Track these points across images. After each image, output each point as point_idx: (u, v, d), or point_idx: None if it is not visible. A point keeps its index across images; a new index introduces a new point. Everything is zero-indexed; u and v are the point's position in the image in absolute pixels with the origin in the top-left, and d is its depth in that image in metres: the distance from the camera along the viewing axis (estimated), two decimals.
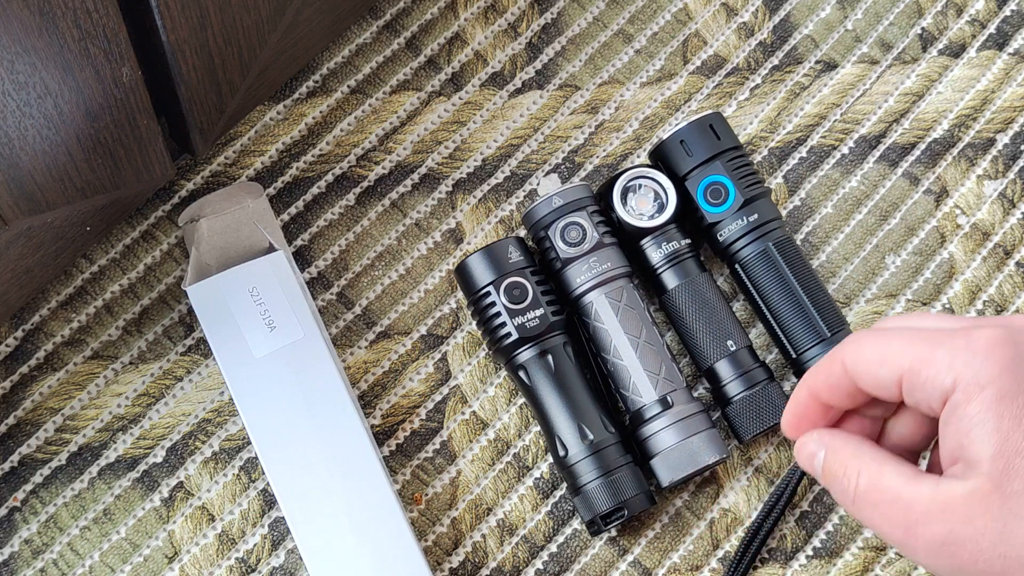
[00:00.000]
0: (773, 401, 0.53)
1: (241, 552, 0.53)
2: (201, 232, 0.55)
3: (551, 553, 0.53)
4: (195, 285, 0.53)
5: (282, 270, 0.53)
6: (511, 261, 0.53)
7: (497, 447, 0.55)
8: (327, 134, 0.60)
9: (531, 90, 0.61)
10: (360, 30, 0.62)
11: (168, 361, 0.55)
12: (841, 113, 0.61)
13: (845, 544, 0.54)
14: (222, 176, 0.59)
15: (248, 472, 0.54)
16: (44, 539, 0.52)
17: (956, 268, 0.58)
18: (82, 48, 0.42)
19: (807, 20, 0.63)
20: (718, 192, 0.54)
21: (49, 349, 0.55)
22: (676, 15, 0.63)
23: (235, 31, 0.50)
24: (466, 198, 0.59)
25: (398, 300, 0.57)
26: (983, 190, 0.60)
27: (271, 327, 0.52)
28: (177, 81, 0.49)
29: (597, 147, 0.60)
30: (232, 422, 0.55)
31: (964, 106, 0.62)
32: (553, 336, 0.53)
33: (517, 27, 0.62)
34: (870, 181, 0.60)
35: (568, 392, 0.52)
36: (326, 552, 0.49)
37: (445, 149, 0.60)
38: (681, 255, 0.54)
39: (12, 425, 0.54)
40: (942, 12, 0.64)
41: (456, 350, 0.56)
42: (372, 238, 0.58)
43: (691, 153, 0.55)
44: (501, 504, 0.54)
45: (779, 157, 0.60)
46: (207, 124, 0.54)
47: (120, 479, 0.53)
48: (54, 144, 0.45)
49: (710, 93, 0.61)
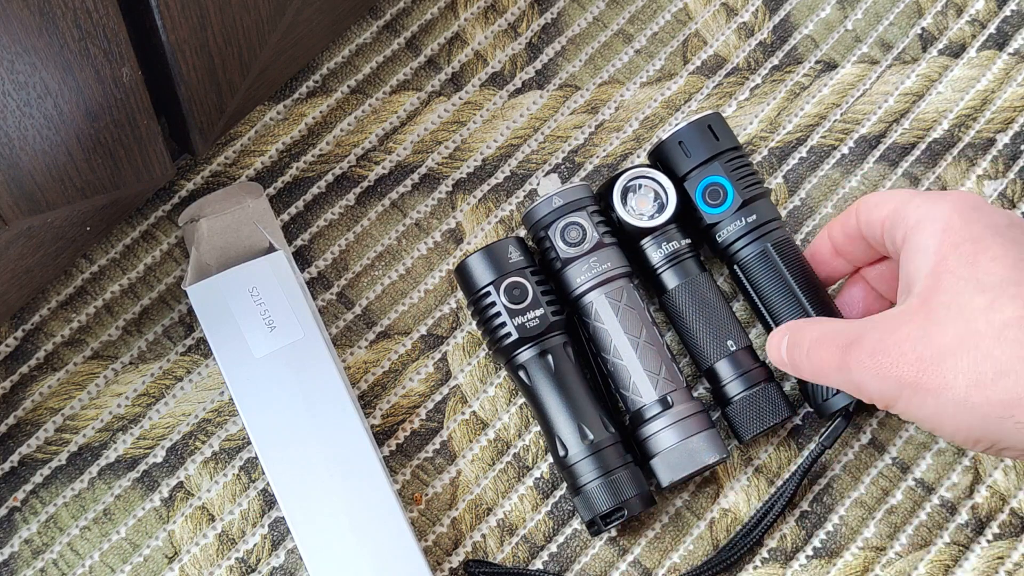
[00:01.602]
0: (773, 401, 0.53)
1: (241, 552, 0.53)
2: (201, 232, 0.55)
3: (551, 553, 0.53)
4: (195, 285, 0.53)
5: (282, 270, 0.53)
6: (511, 261, 0.53)
7: (497, 447, 0.55)
8: (327, 134, 0.60)
9: (531, 90, 0.61)
10: (360, 30, 0.62)
11: (168, 361, 0.55)
12: (841, 113, 0.61)
13: (845, 544, 0.54)
14: (222, 176, 0.59)
15: (248, 472, 0.54)
16: (44, 539, 0.52)
17: None
18: (82, 48, 0.42)
19: (807, 20, 0.63)
20: (716, 193, 0.54)
21: (49, 349, 0.55)
22: (676, 15, 0.63)
23: (235, 31, 0.50)
24: (466, 198, 0.59)
25: (398, 300, 0.57)
26: (983, 190, 0.60)
27: (271, 327, 0.52)
28: (177, 81, 0.49)
29: (597, 147, 0.60)
30: (232, 422, 0.55)
31: (964, 106, 0.62)
32: (553, 336, 0.53)
33: (517, 27, 0.62)
34: (870, 181, 0.60)
35: (568, 392, 0.52)
36: (326, 552, 0.49)
37: (445, 149, 0.60)
38: (681, 255, 0.54)
39: (12, 425, 0.54)
40: (942, 12, 0.64)
41: (456, 350, 0.56)
42: (372, 238, 0.58)
43: (689, 154, 0.55)
44: (501, 504, 0.54)
45: (779, 157, 0.60)
46: (207, 124, 0.54)
47: (120, 479, 0.53)
48: (54, 144, 0.45)
49: (710, 93, 0.61)
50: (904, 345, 0.43)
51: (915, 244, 0.45)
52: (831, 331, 0.46)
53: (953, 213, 0.45)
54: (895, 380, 0.43)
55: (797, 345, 0.48)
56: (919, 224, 0.45)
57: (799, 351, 0.48)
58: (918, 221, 0.46)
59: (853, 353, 0.45)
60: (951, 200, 0.45)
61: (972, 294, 0.42)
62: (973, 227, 0.44)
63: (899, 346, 0.43)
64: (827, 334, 0.46)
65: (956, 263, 0.43)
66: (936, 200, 0.46)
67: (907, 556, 0.53)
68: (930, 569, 0.53)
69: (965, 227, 0.44)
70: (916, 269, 0.45)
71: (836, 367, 0.45)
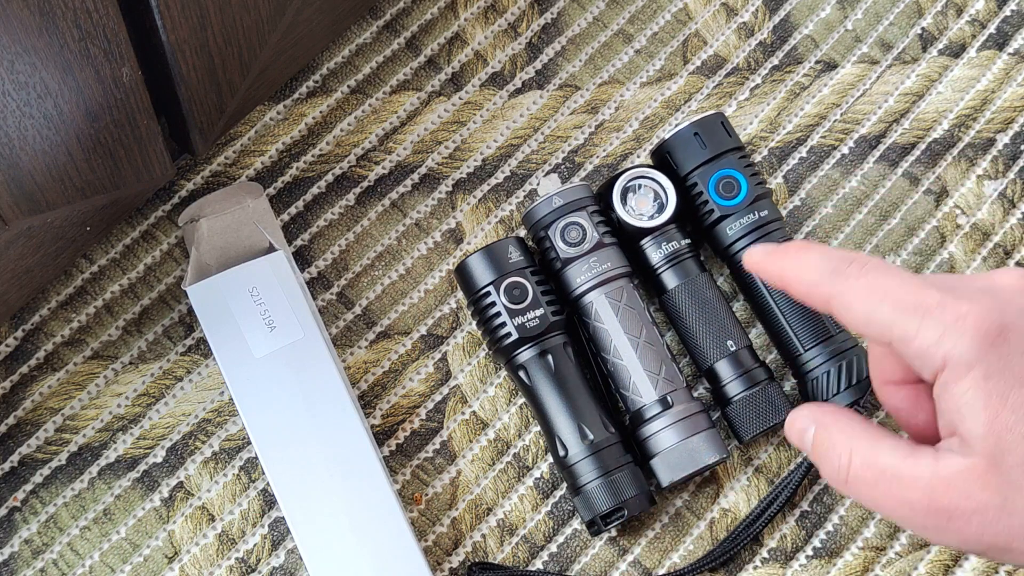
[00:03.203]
0: (773, 401, 0.53)
1: (241, 552, 0.53)
2: (201, 232, 0.55)
3: (551, 553, 0.53)
4: (195, 285, 0.53)
5: (282, 270, 0.53)
6: (511, 261, 0.53)
7: (497, 447, 0.55)
8: (327, 134, 0.60)
9: (531, 90, 0.61)
10: (360, 30, 0.62)
11: (168, 361, 0.55)
12: (841, 113, 0.61)
13: (845, 544, 0.54)
14: (222, 176, 0.59)
15: (248, 472, 0.54)
16: (44, 539, 0.52)
17: (956, 268, 0.58)
18: (82, 48, 0.42)
19: (807, 20, 0.63)
20: (731, 186, 0.54)
21: (49, 349, 0.55)
22: (676, 15, 0.63)
23: (235, 31, 0.50)
24: (466, 198, 0.59)
25: (398, 300, 0.57)
26: (983, 190, 0.60)
27: (271, 327, 0.52)
28: (177, 81, 0.49)
29: (597, 147, 0.60)
30: (232, 422, 0.55)
31: (964, 106, 0.62)
32: (553, 336, 0.53)
33: (517, 27, 0.62)
34: (870, 181, 0.60)
35: (568, 392, 0.52)
36: (326, 552, 0.49)
37: (445, 149, 0.60)
38: (681, 255, 0.54)
39: (12, 425, 0.54)
40: (942, 12, 0.64)
41: (456, 350, 0.56)
42: (372, 238, 0.58)
43: (705, 145, 0.55)
44: (501, 504, 0.54)
45: (779, 157, 0.60)
46: (207, 124, 0.54)
47: (120, 479, 0.53)
48: (54, 144, 0.45)
49: (710, 93, 0.61)
50: (987, 514, 0.39)
51: (955, 394, 0.39)
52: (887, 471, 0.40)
53: (990, 351, 0.39)
54: (983, 546, 0.39)
55: (828, 457, 0.42)
56: (952, 369, 0.39)
57: (834, 468, 0.42)
58: (947, 364, 0.39)
59: (927, 513, 0.40)
60: (979, 332, 0.39)
61: None
62: (1014, 361, 0.39)
63: (981, 515, 0.39)
64: (883, 473, 0.40)
65: (1012, 418, 0.38)
66: (959, 334, 0.39)
67: (907, 556, 0.53)
68: (930, 569, 0.53)
69: (1006, 366, 0.39)
70: (964, 421, 0.39)
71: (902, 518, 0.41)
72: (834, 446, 0.42)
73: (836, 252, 0.43)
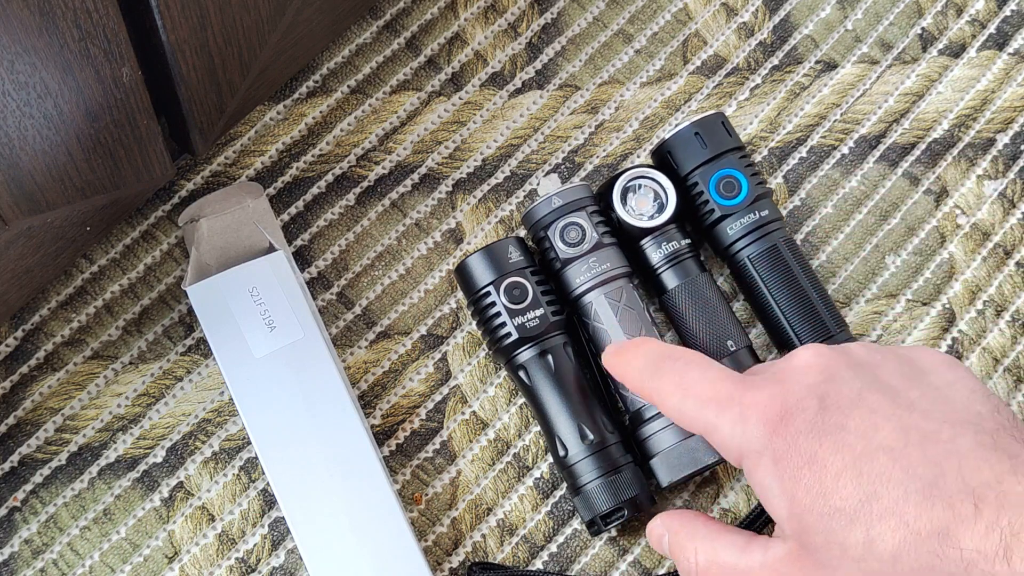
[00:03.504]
0: None
1: (241, 552, 0.53)
2: (201, 232, 0.55)
3: (551, 553, 0.53)
4: (195, 285, 0.53)
5: (282, 270, 0.53)
6: (511, 261, 0.53)
7: (497, 447, 0.55)
8: (327, 134, 0.60)
9: (531, 90, 0.61)
10: (360, 30, 0.62)
11: (168, 361, 0.55)
12: (841, 113, 0.61)
13: None
14: (222, 176, 0.59)
15: (248, 472, 0.54)
16: (44, 539, 0.52)
17: (956, 268, 0.58)
18: (82, 48, 0.42)
19: (807, 20, 0.63)
20: (731, 185, 0.54)
21: (49, 349, 0.55)
22: (676, 15, 0.63)
23: (235, 31, 0.50)
24: (466, 198, 0.59)
25: (398, 300, 0.57)
26: (983, 190, 0.60)
27: (271, 327, 0.52)
28: (177, 81, 0.49)
29: (597, 147, 0.60)
30: (232, 422, 0.55)
31: (964, 106, 0.62)
32: (553, 336, 0.53)
33: (517, 27, 0.62)
34: (870, 181, 0.60)
35: (568, 392, 0.52)
36: (326, 552, 0.49)
37: (445, 149, 0.60)
38: (681, 255, 0.54)
39: (12, 425, 0.54)
40: (942, 12, 0.64)
41: (456, 350, 0.56)
42: (372, 238, 0.58)
43: (706, 145, 0.55)
44: (501, 504, 0.54)
45: (779, 157, 0.60)
46: (207, 124, 0.54)
47: (120, 479, 0.53)
48: (54, 144, 0.45)
49: (710, 93, 0.61)
50: None
51: (757, 483, 0.42)
52: (725, 566, 0.44)
53: (774, 437, 0.41)
54: None
55: (679, 558, 0.46)
56: (747, 459, 0.42)
57: (686, 569, 0.45)
58: (743, 456, 0.42)
59: None
60: (761, 421, 0.42)
61: (844, 530, 0.39)
62: (799, 443, 0.41)
63: None
64: (722, 568, 0.44)
65: (808, 498, 0.40)
66: (745, 425, 0.42)
67: None
68: None
69: (791, 447, 0.41)
70: (772, 507, 0.42)
71: None
72: (683, 548, 0.46)
73: (659, 349, 0.47)
